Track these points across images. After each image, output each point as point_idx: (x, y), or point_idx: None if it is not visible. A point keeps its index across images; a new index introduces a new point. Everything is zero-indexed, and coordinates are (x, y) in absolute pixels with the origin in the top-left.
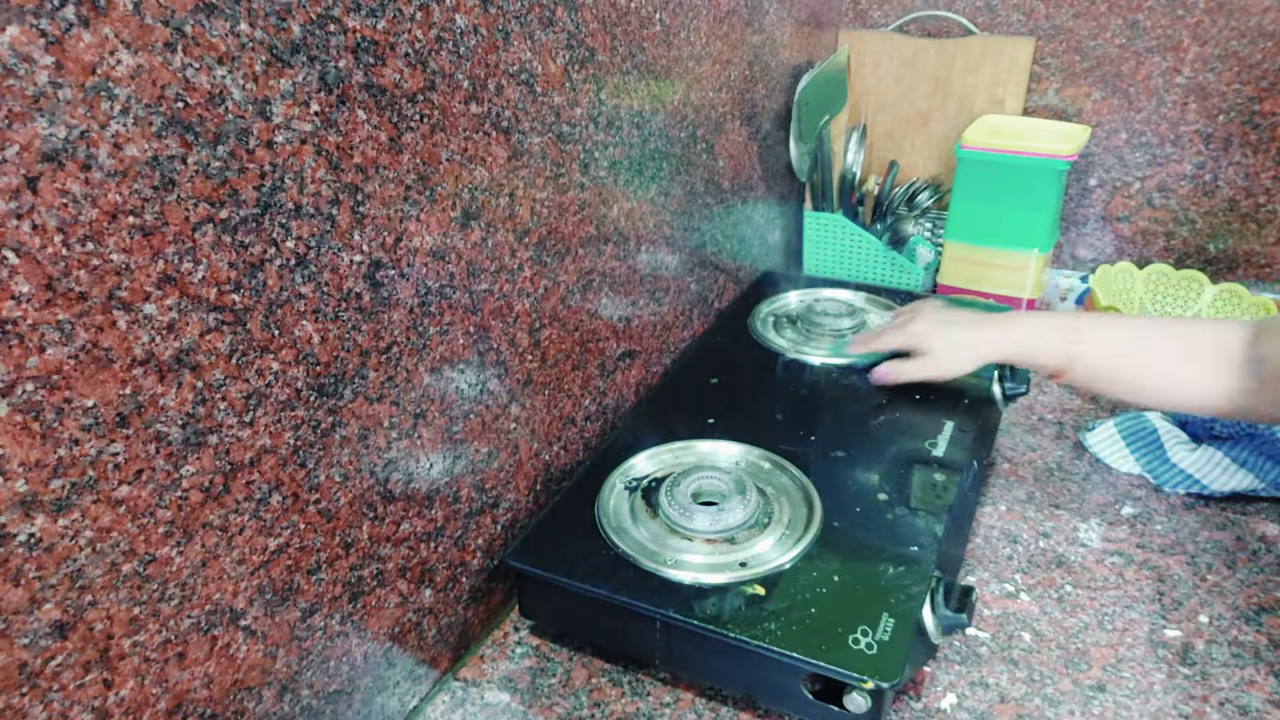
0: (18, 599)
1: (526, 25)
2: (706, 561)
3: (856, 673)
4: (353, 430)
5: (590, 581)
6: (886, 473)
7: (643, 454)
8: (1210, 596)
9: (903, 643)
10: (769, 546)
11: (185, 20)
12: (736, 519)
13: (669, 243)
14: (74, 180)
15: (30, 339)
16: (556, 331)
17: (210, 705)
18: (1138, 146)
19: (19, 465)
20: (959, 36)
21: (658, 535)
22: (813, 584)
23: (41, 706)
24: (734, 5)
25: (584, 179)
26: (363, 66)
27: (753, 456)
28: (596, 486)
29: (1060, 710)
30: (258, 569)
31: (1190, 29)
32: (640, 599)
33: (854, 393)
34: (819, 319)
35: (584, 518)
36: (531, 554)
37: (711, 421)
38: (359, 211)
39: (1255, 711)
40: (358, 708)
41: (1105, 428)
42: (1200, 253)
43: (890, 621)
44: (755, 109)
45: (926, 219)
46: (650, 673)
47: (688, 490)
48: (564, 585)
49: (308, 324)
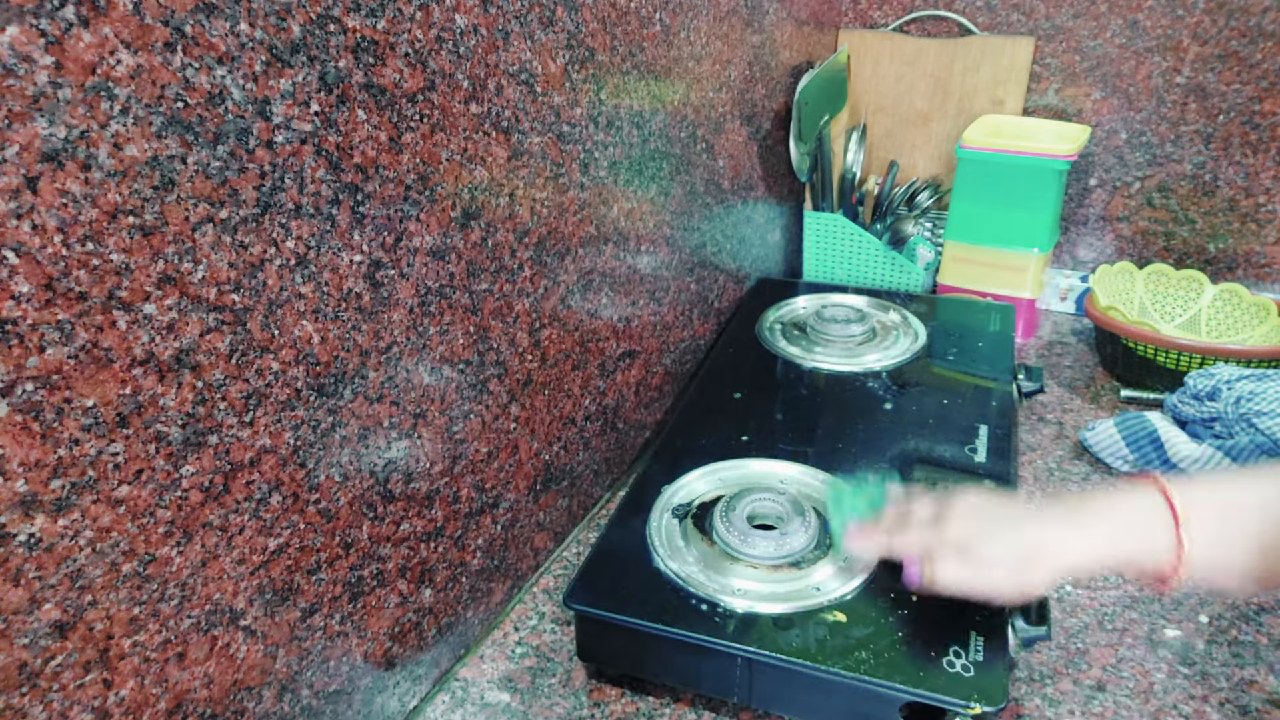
0: (18, 599)
1: (526, 25)
2: (774, 590)
3: (960, 698)
4: (353, 430)
5: (662, 620)
6: (933, 481)
7: (683, 479)
8: (1210, 596)
9: (1000, 661)
10: (835, 570)
11: (185, 20)
12: (800, 543)
13: (669, 243)
14: (74, 180)
15: (30, 339)
16: (556, 331)
17: (210, 705)
18: (1138, 146)
19: (19, 465)
20: (959, 36)
21: (716, 563)
22: (890, 607)
23: (41, 706)
24: (734, 5)
25: (584, 179)
26: (363, 66)
27: (798, 474)
28: (643, 517)
29: (1060, 710)
30: (258, 569)
31: (1190, 29)
32: (717, 635)
33: (877, 400)
34: (828, 325)
35: (636, 551)
36: (590, 595)
37: (746, 439)
38: (359, 211)
39: (1255, 711)
40: (358, 708)
41: (1105, 428)
42: (1200, 253)
43: (980, 640)
44: (755, 109)
45: (926, 219)
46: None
47: (743, 514)
48: (632, 626)
49: (308, 324)
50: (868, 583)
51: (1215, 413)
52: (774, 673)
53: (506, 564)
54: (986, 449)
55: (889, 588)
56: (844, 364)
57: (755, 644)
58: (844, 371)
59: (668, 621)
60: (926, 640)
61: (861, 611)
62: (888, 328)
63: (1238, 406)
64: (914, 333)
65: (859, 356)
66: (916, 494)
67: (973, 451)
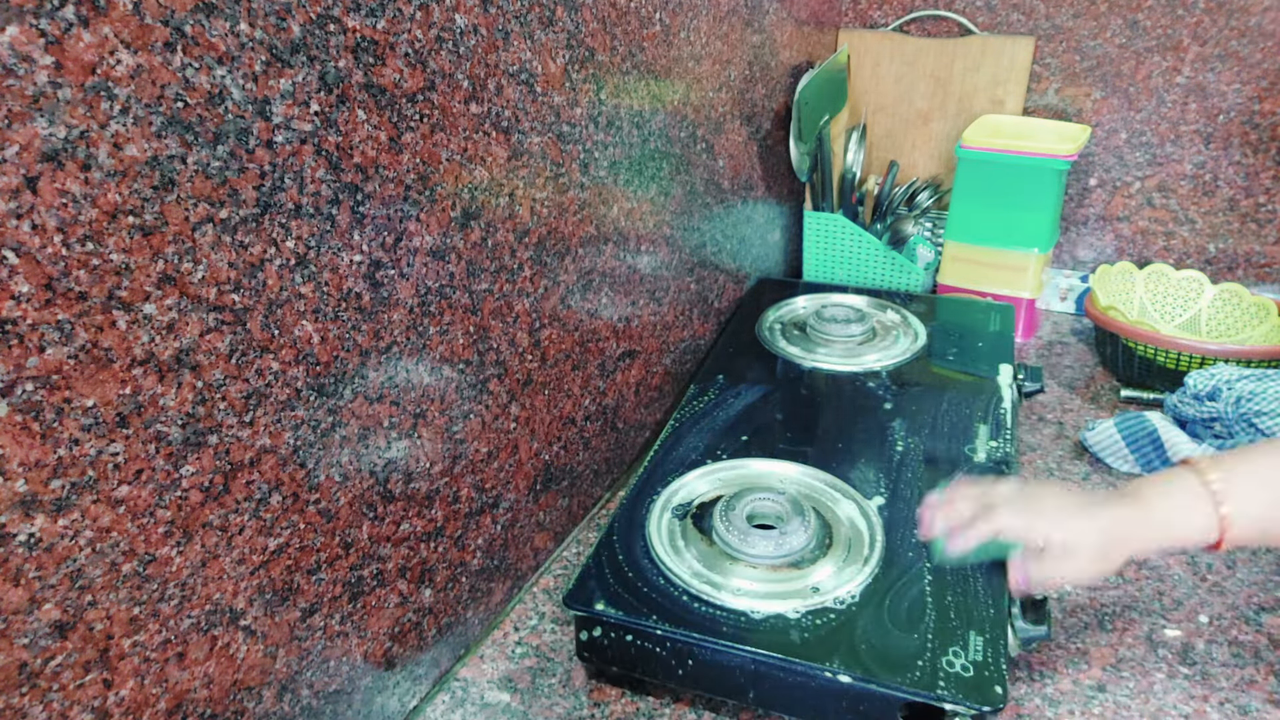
0: (18, 599)
1: (526, 25)
2: (774, 590)
3: (956, 699)
4: (353, 430)
5: (662, 620)
6: (935, 481)
7: (683, 479)
8: (1210, 596)
9: (998, 662)
10: (835, 569)
11: (185, 20)
12: (800, 542)
13: (669, 243)
14: (74, 180)
15: (30, 339)
16: (556, 331)
17: (210, 705)
18: (1138, 146)
19: (19, 465)
20: (959, 36)
21: (716, 563)
22: (890, 607)
23: (41, 706)
24: (734, 5)
25: (584, 179)
26: (363, 66)
27: (798, 474)
28: (643, 517)
29: (1060, 710)
30: (258, 569)
31: (1190, 29)
32: (717, 635)
33: (876, 400)
34: (828, 325)
35: (636, 551)
36: (590, 595)
37: (746, 439)
38: (359, 211)
39: (1255, 711)
40: (358, 708)
41: (1105, 428)
42: (1200, 253)
43: (979, 640)
44: (755, 109)
45: (926, 219)
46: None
47: (743, 514)
48: (632, 626)
49: (308, 324)
50: (868, 583)
51: (1215, 413)
52: (774, 673)
53: (506, 564)
54: (985, 447)
55: (889, 588)
56: (844, 364)
57: (755, 644)
58: (844, 371)
59: (667, 622)
60: (926, 641)
61: (863, 613)
62: (888, 328)
63: (1238, 407)
64: (914, 333)
65: (859, 356)
66: (987, 485)
67: (972, 451)
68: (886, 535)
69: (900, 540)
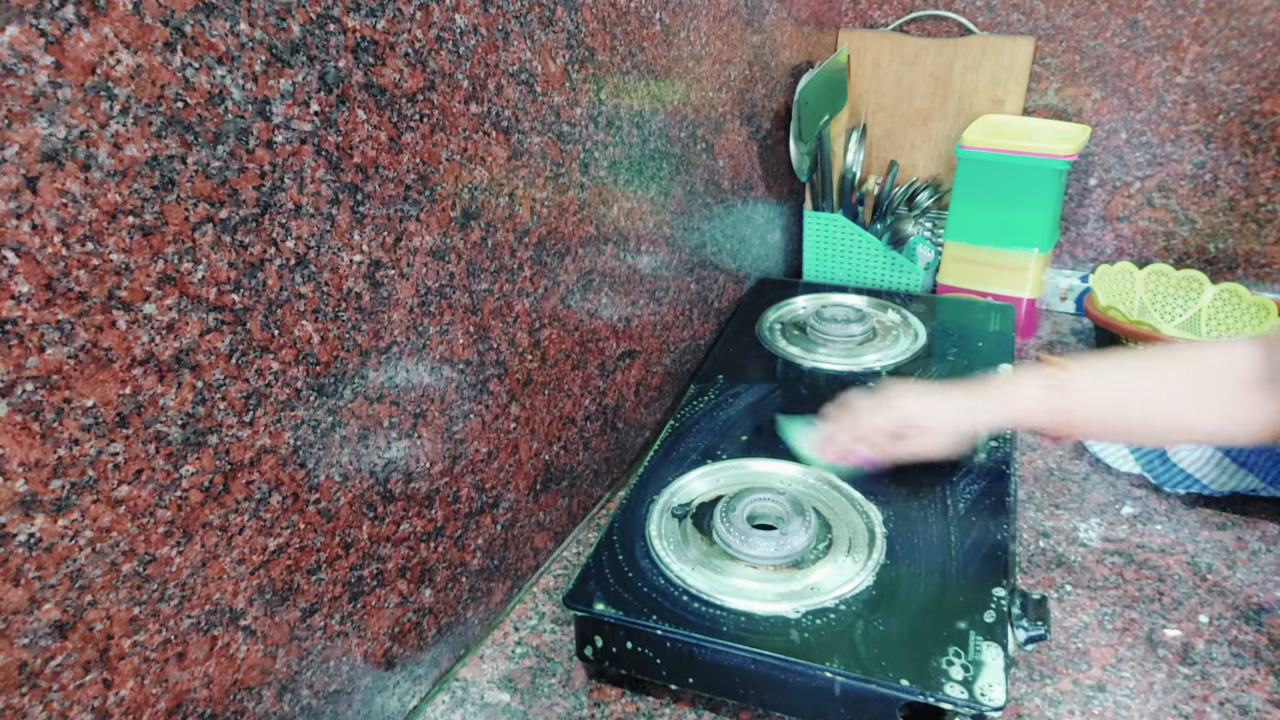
0: (18, 599)
1: (526, 25)
2: (774, 590)
3: (956, 699)
4: (353, 430)
5: (662, 621)
6: (937, 482)
7: (683, 479)
8: (1210, 596)
9: (999, 662)
10: (835, 569)
11: (185, 20)
12: (800, 543)
13: (669, 243)
14: (74, 180)
15: (30, 339)
16: (556, 331)
17: (210, 705)
18: (1138, 146)
19: (19, 465)
20: (959, 36)
21: (716, 563)
22: (890, 607)
23: (41, 706)
24: (734, 5)
25: (584, 179)
26: (362, 66)
27: (798, 474)
28: (643, 517)
29: (1060, 710)
30: (258, 569)
31: (1190, 29)
32: (717, 635)
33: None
34: (828, 325)
35: (636, 552)
36: (590, 595)
37: (746, 439)
38: (359, 211)
39: (1255, 711)
40: (358, 708)
41: None
42: (1200, 252)
43: (979, 640)
44: (755, 109)
45: (926, 219)
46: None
47: (743, 514)
48: (632, 626)
49: (308, 324)
50: (868, 583)
51: None
52: (774, 673)
53: (506, 564)
54: (986, 448)
55: (889, 588)
56: (844, 364)
57: (755, 644)
58: (844, 371)
59: (668, 622)
60: (926, 641)
61: (863, 613)
62: (888, 327)
63: None
64: (914, 332)
65: (859, 356)
66: (852, 397)
67: (971, 451)
68: (887, 535)
69: (901, 540)
